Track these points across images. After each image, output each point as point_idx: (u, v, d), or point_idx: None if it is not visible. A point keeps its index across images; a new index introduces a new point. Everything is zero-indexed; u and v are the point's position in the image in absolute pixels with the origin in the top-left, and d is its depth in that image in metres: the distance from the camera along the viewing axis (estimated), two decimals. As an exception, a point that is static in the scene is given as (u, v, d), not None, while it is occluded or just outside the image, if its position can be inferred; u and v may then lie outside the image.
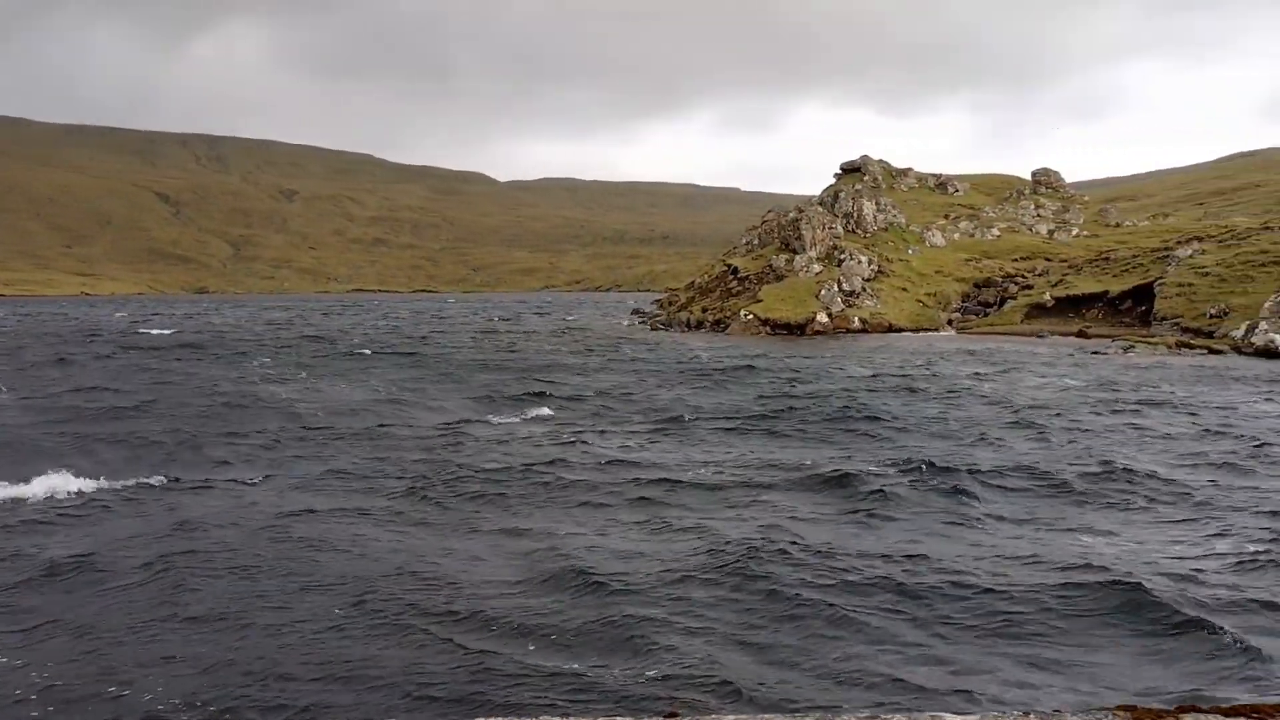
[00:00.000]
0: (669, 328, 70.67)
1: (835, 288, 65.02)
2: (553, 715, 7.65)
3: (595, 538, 12.61)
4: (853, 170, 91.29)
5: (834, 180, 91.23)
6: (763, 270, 70.40)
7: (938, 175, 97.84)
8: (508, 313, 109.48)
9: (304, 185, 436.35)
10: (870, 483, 15.96)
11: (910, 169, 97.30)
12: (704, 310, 71.19)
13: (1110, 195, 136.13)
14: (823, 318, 61.97)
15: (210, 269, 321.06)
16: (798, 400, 27.03)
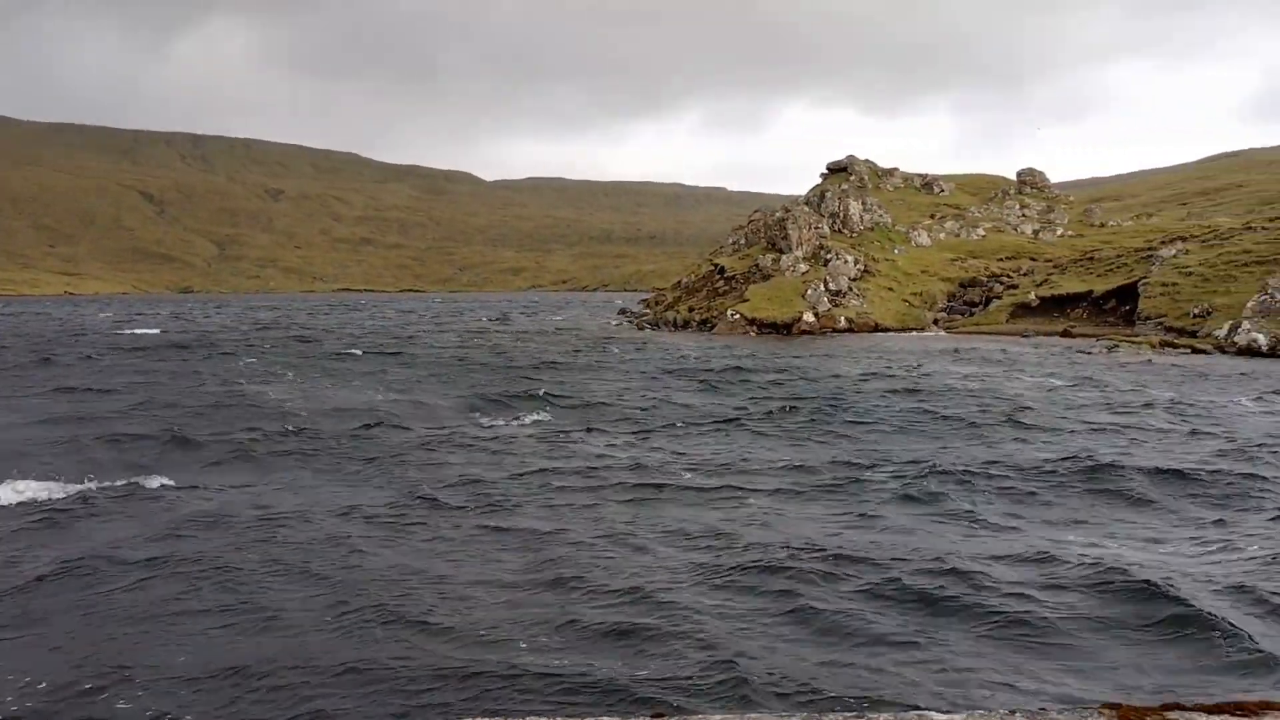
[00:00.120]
0: (656, 327, 70.72)
1: (822, 287, 65.18)
2: (540, 717, 7.69)
3: (587, 540, 12.60)
4: (839, 170, 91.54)
5: (820, 180, 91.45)
6: (749, 270, 70.53)
7: (923, 175, 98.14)
8: (495, 312, 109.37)
9: (290, 184, 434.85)
10: (866, 481, 16.04)
11: (896, 169, 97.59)
12: (691, 310, 71.26)
13: (1095, 195, 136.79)
14: (809, 317, 62.11)
15: (195, 269, 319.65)
16: (787, 401, 27.10)
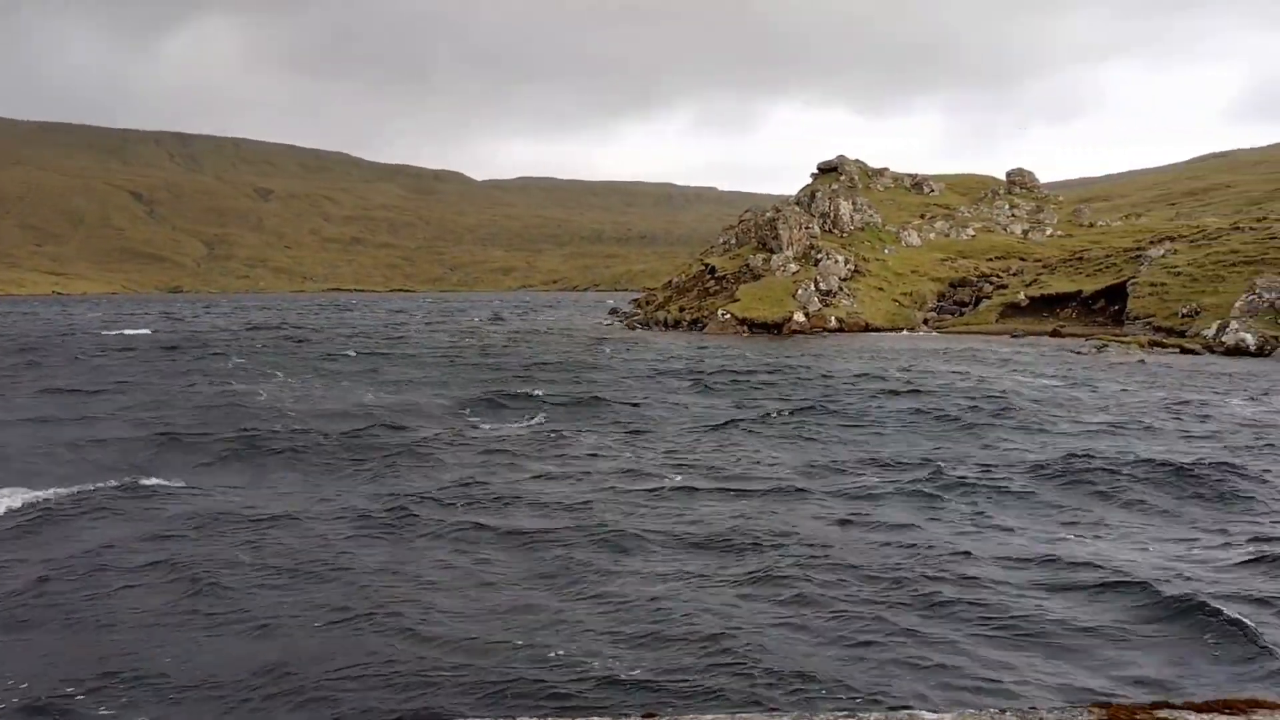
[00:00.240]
0: (647, 327, 70.76)
1: (812, 287, 65.31)
2: (533, 717, 7.72)
3: (582, 542, 12.56)
4: (829, 170, 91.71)
5: (811, 180, 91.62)
6: (740, 270, 70.62)
7: (913, 175, 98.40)
8: (486, 312, 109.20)
9: (279, 184, 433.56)
10: (862, 483, 16.10)
11: (886, 169, 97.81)
12: (681, 310, 71.31)
13: (1084, 195, 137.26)
14: (800, 317, 62.23)
15: (184, 268, 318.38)
16: (781, 401, 27.15)
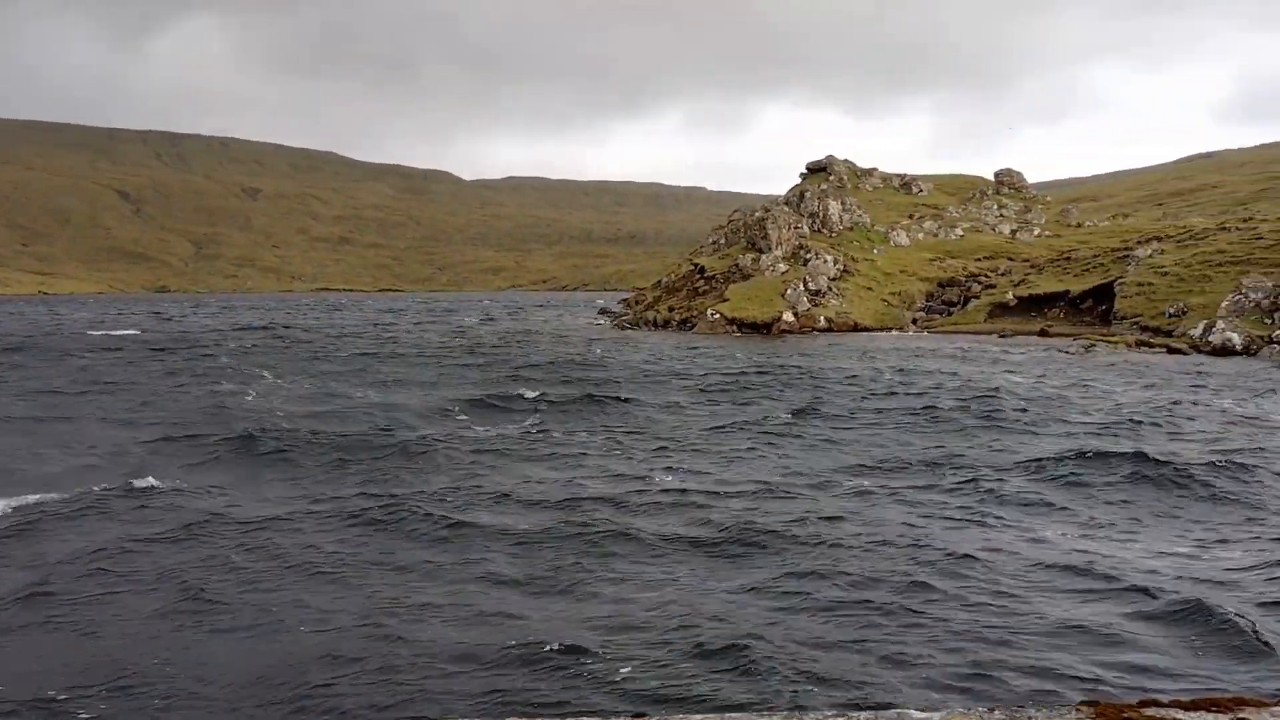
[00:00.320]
0: (636, 327, 70.77)
1: (801, 287, 65.42)
2: (522, 717, 7.73)
3: (580, 546, 12.40)
4: (818, 170, 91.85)
5: (800, 180, 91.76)
6: (729, 269, 70.69)
7: (902, 175, 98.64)
8: (475, 312, 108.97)
9: (267, 183, 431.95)
10: (859, 483, 16.12)
11: (875, 169, 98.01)
12: (671, 309, 71.33)
13: (1072, 196, 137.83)
14: (789, 317, 62.33)
15: (172, 268, 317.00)
16: (773, 401, 27.15)
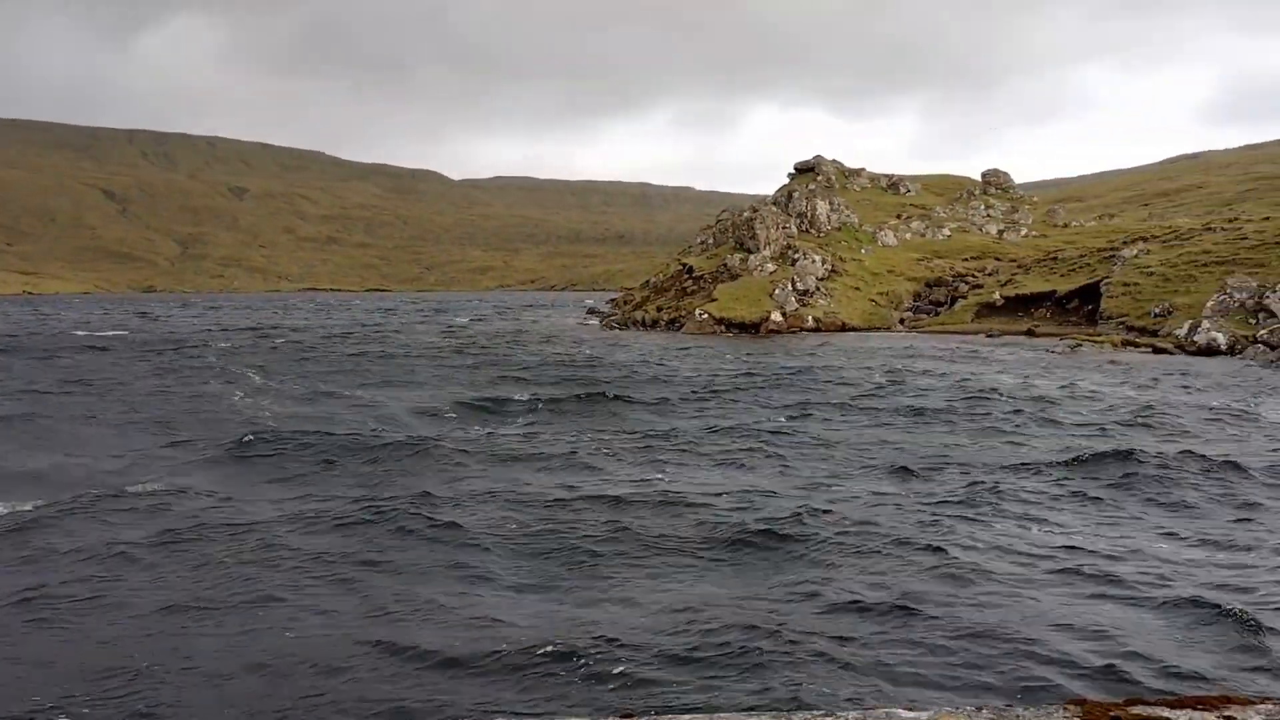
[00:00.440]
0: (625, 327, 70.75)
1: (789, 287, 65.51)
2: (512, 717, 7.73)
3: (578, 550, 12.25)
4: (806, 170, 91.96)
5: (788, 180, 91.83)
6: (717, 269, 70.73)
7: (890, 176, 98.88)
8: (464, 312, 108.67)
9: (254, 183, 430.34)
10: (856, 482, 16.13)
11: (863, 169, 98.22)
12: (659, 309, 71.33)
13: (1058, 196, 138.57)
14: (777, 317, 62.40)
15: (158, 268, 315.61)
16: (764, 401, 27.09)
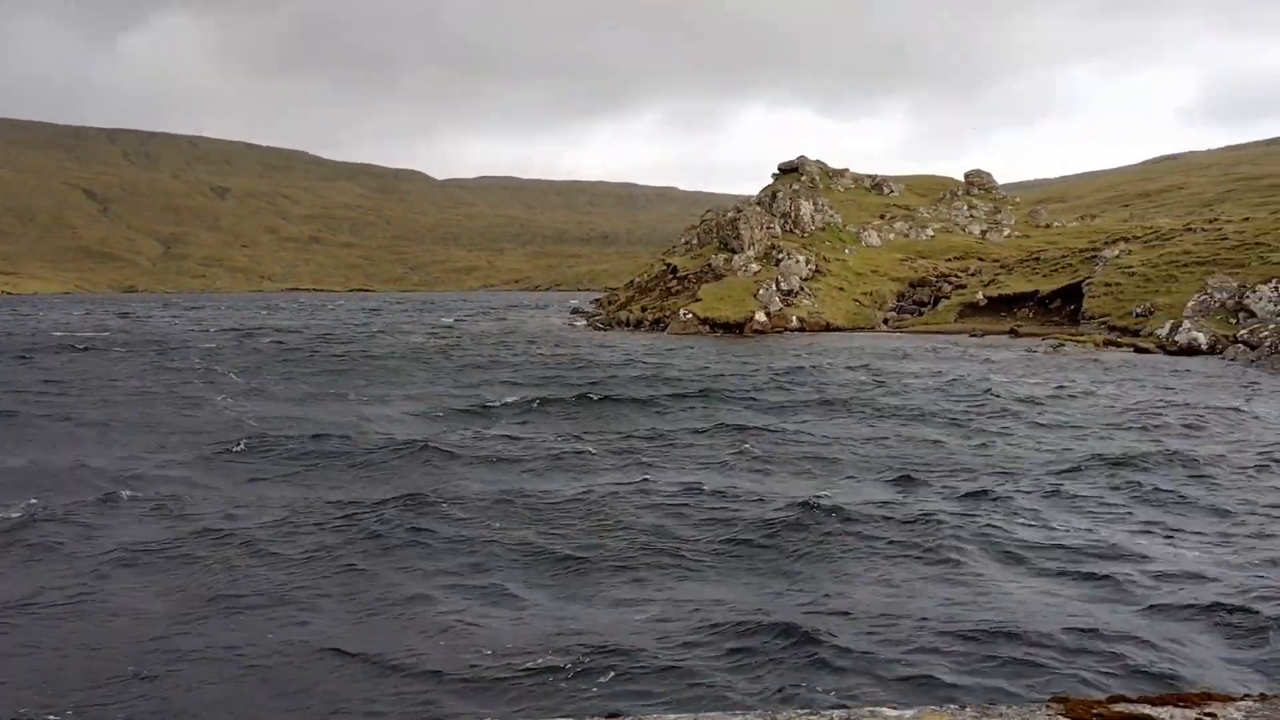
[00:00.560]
0: (609, 327, 70.73)
1: (773, 287, 65.60)
2: (493, 716, 7.71)
3: (576, 553, 12.15)
4: (790, 170, 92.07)
5: (772, 180, 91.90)
6: (702, 269, 70.77)
7: (873, 176, 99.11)
8: (448, 312, 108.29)
9: (236, 182, 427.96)
10: (852, 483, 16.16)
11: (847, 170, 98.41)
12: (643, 309, 71.33)
13: (1040, 196, 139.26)
14: (761, 317, 62.48)
15: (139, 268, 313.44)
16: (753, 401, 26.98)
